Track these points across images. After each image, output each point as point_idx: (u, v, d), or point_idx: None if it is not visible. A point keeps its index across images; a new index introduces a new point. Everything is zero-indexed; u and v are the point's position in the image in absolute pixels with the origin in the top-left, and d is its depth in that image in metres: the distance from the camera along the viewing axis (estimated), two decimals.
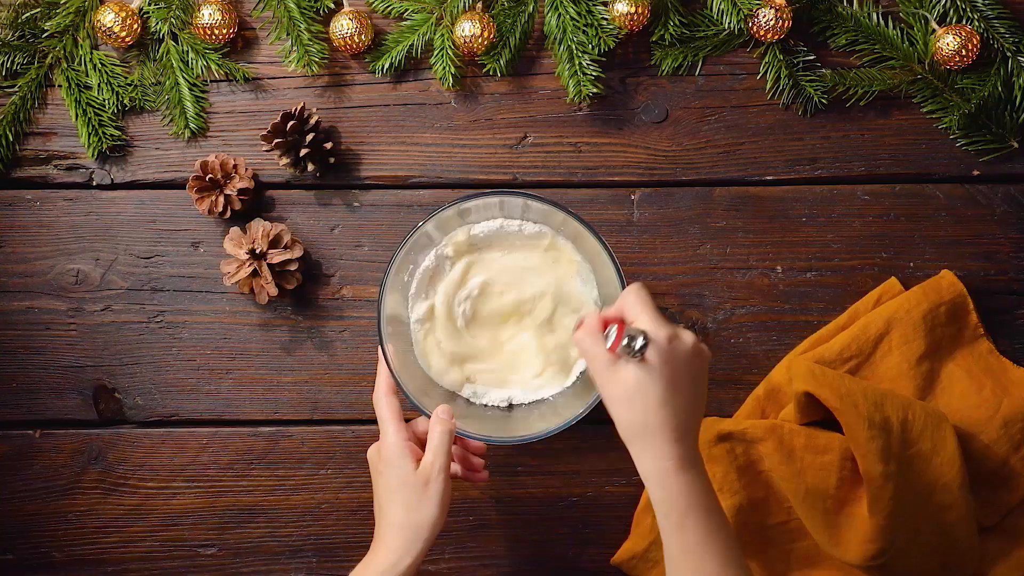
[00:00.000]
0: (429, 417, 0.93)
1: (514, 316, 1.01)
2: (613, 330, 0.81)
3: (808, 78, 1.04)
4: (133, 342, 1.06)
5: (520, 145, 1.06)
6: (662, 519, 0.82)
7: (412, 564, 0.88)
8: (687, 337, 0.82)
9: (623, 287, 0.91)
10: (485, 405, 1.01)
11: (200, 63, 1.05)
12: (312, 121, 1.03)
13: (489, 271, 1.01)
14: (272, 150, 1.03)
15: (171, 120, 1.06)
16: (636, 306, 0.82)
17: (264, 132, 1.02)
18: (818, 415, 0.99)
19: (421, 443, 0.93)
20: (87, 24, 1.05)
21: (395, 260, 0.94)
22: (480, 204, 0.96)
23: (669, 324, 0.82)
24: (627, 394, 0.80)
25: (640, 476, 0.82)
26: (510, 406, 1.01)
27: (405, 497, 0.89)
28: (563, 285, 1.01)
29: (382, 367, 0.94)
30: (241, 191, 1.03)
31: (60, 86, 1.05)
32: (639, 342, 0.79)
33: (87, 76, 1.05)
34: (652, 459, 0.81)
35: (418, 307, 1.00)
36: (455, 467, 0.98)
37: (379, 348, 0.94)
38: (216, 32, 1.03)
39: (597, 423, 0.91)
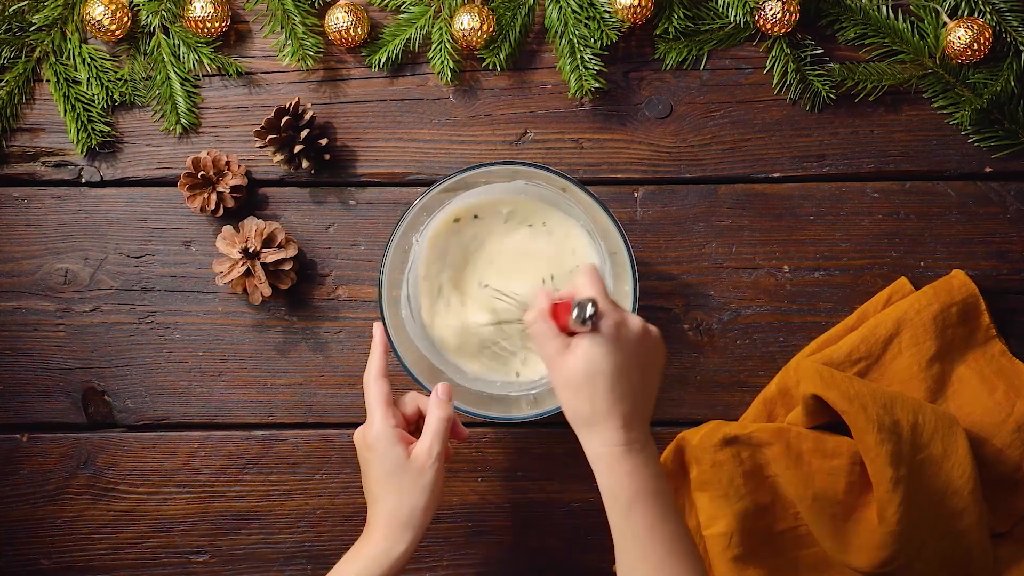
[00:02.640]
0: (424, 393, 0.92)
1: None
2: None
3: (816, 72, 1.04)
4: (123, 343, 1.05)
5: (520, 141, 1.05)
6: (610, 505, 0.82)
7: (405, 552, 0.88)
8: (635, 320, 0.82)
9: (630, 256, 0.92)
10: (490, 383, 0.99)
11: (192, 57, 1.04)
12: (307, 117, 1.02)
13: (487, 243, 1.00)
14: (266, 146, 1.02)
15: (162, 116, 1.05)
16: (587, 286, 0.83)
17: (257, 128, 1.02)
18: (826, 418, 0.99)
19: (409, 424, 0.93)
20: (76, 17, 1.04)
21: (398, 229, 0.94)
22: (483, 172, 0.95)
23: (619, 307, 0.82)
24: (576, 381, 0.81)
25: (589, 463, 0.82)
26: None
27: (397, 485, 0.88)
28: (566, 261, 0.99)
29: (376, 348, 0.93)
30: (234, 188, 1.02)
31: (48, 81, 1.04)
32: (589, 309, 0.78)
33: (76, 71, 1.04)
34: (599, 445, 0.81)
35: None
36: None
37: (376, 325, 0.94)
38: (208, 25, 1.03)
39: None
